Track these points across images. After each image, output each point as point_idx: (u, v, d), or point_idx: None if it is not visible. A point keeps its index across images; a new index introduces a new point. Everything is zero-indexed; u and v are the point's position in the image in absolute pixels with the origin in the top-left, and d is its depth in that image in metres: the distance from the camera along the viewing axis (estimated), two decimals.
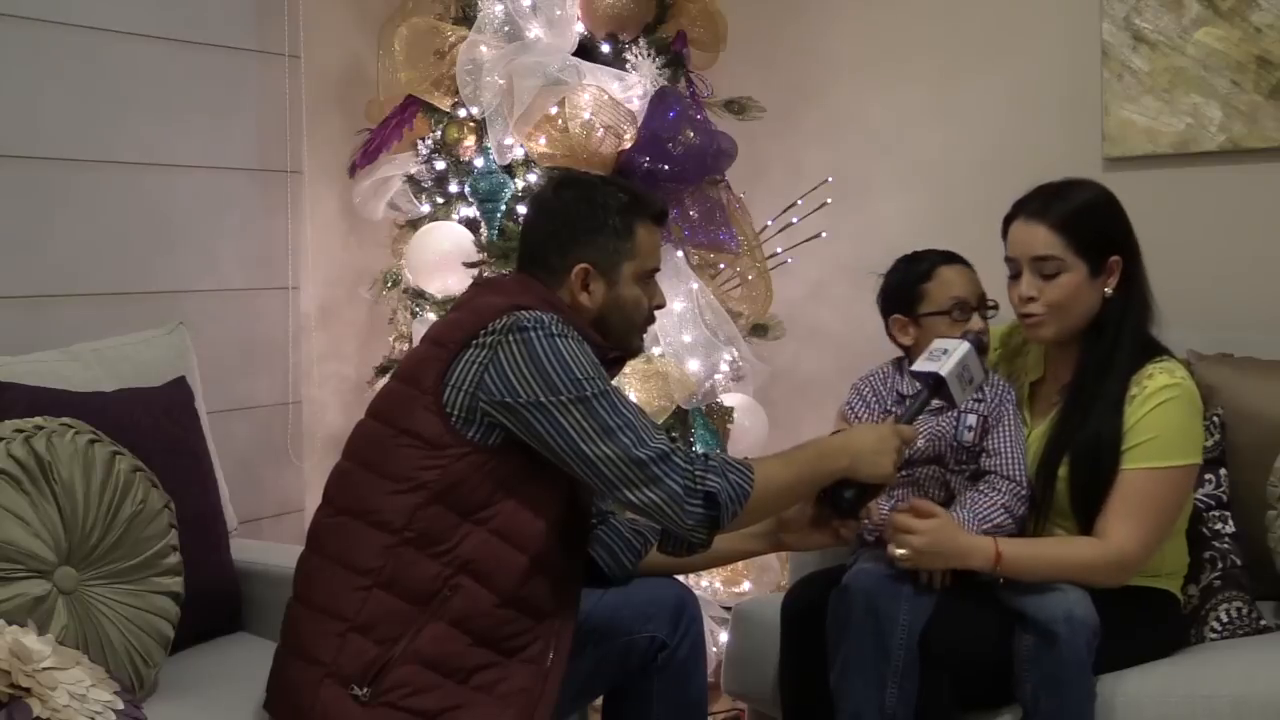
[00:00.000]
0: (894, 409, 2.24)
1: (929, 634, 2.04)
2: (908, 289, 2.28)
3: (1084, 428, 2.14)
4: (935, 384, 2.06)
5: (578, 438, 1.85)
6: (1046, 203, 2.19)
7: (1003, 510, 2.15)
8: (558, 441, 1.85)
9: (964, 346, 2.08)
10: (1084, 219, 2.17)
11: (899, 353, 2.32)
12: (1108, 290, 2.18)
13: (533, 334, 1.87)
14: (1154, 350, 2.19)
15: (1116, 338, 2.18)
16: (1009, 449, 2.20)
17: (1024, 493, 2.18)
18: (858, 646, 2.06)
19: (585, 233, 2.02)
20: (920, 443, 2.18)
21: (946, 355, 2.07)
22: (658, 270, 2.11)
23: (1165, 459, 2.10)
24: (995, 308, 2.26)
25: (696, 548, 1.94)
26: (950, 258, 2.28)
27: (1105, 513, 2.10)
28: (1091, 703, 2.01)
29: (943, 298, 2.24)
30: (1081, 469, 2.13)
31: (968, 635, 2.07)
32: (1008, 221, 2.23)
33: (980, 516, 2.14)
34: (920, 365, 2.10)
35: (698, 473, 1.86)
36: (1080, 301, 2.17)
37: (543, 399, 1.85)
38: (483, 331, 1.89)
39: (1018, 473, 2.18)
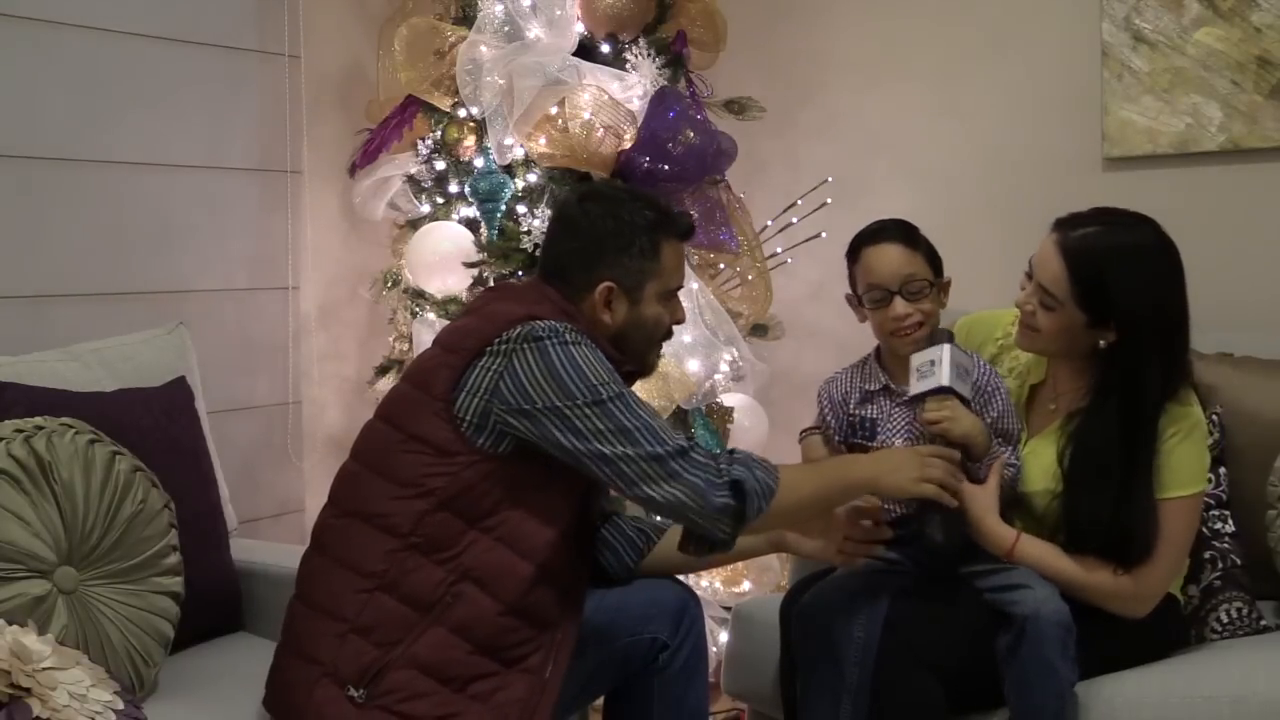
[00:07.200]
0: (859, 411, 2.21)
1: (917, 640, 2.02)
2: (849, 265, 2.22)
3: (1092, 506, 2.08)
4: (944, 395, 2.02)
5: (594, 439, 1.85)
6: (1084, 236, 2.06)
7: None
8: (575, 444, 1.85)
9: (945, 350, 2.03)
10: (1102, 275, 2.04)
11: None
12: (1102, 343, 2.10)
13: (548, 343, 1.87)
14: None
15: (1130, 419, 2.07)
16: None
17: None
18: (814, 663, 2.07)
19: (612, 251, 2.00)
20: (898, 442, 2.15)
21: (935, 366, 2.01)
22: (680, 288, 2.10)
23: (1183, 488, 2.09)
24: (929, 286, 2.15)
25: (719, 545, 1.91)
26: (879, 234, 2.18)
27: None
28: (1064, 702, 1.98)
29: (860, 283, 2.19)
30: (1089, 537, 2.09)
31: (955, 639, 2.05)
32: (1052, 227, 2.12)
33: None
34: (917, 388, 2.04)
35: (722, 465, 1.87)
36: (1065, 342, 2.12)
37: (558, 404, 1.85)
38: (497, 340, 1.89)
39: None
